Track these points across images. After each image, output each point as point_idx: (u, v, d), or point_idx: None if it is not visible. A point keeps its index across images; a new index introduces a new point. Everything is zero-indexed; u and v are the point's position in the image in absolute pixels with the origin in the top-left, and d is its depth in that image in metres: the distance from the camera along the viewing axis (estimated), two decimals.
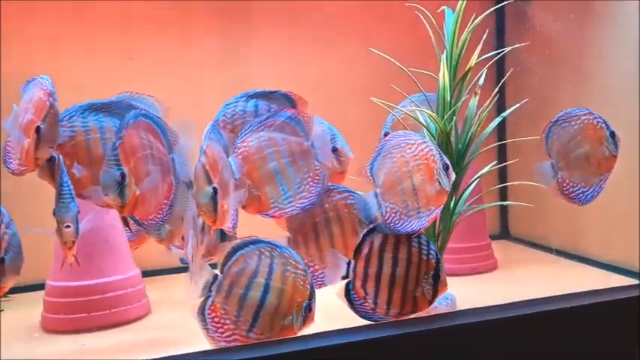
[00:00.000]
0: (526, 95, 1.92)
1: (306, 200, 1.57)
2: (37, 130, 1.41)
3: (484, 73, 1.84)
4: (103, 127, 1.51)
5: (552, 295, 1.73)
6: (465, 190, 1.84)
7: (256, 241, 1.42)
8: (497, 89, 1.87)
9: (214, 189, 1.37)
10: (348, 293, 1.53)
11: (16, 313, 1.95)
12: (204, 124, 1.69)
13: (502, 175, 2.62)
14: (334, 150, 1.73)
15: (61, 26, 2.25)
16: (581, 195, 1.74)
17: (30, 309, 1.88)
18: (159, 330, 1.83)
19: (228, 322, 1.38)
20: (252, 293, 1.37)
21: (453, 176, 1.55)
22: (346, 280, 1.54)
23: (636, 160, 2.16)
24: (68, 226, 1.44)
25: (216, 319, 1.38)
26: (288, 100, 1.70)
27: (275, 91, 1.70)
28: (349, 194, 1.64)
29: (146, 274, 2.00)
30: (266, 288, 1.37)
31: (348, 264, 1.53)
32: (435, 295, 1.53)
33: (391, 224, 1.52)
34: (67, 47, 2.26)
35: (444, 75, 1.77)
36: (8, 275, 1.43)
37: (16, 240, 1.44)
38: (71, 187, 1.46)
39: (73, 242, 1.46)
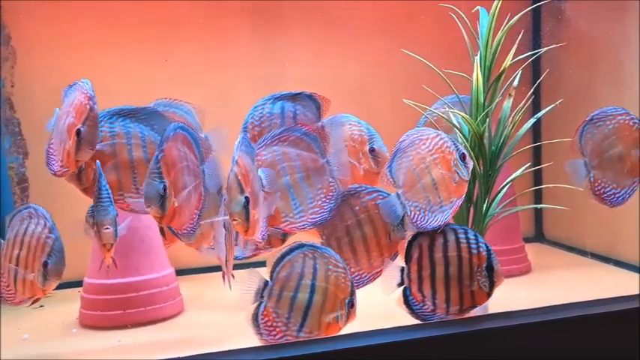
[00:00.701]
0: (562, 96, 1.89)
1: (317, 216, 1.59)
2: (78, 132, 1.45)
3: (519, 74, 1.81)
4: (130, 132, 1.55)
5: (587, 299, 1.70)
6: (498, 192, 1.82)
7: (300, 246, 1.47)
8: (532, 90, 1.85)
9: (247, 198, 1.39)
10: (407, 299, 1.54)
11: (56, 309, 2.00)
12: (237, 125, 1.74)
13: (537, 177, 2.58)
14: (371, 150, 1.75)
15: (95, 30, 2.30)
16: (612, 196, 1.71)
17: (68, 305, 1.93)
18: (192, 328, 1.86)
19: (280, 324, 1.43)
20: (300, 295, 1.43)
21: (471, 164, 1.56)
22: (402, 288, 1.55)
23: None
24: (107, 229, 1.47)
25: (268, 323, 1.44)
26: (312, 100, 1.72)
27: (300, 93, 1.71)
28: (378, 194, 1.64)
29: (180, 272, 2.04)
30: (312, 288, 1.43)
31: (402, 271, 1.54)
32: (492, 286, 1.53)
33: (417, 222, 1.53)
34: (101, 50, 2.31)
35: (477, 76, 1.76)
36: (50, 279, 1.48)
37: (58, 244, 1.49)
38: (109, 190, 1.49)
39: (112, 244, 1.49)
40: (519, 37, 1.78)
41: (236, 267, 1.58)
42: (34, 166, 2.24)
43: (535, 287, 2.18)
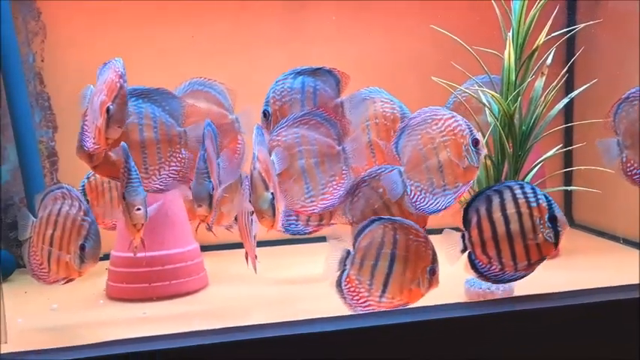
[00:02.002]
0: (596, 76, 1.84)
1: (327, 202, 1.60)
2: (107, 110, 1.45)
3: (552, 52, 1.76)
4: (141, 112, 1.55)
5: (615, 285, 1.67)
6: (528, 173, 1.79)
7: (379, 219, 1.54)
8: (565, 69, 1.80)
9: (272, 194, 1.44)
10: (473, 263, 1.53)
11: (84, 281, 2.02)
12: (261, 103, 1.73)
13: (567, 158, 2.53)
14: None
15: (124, 5, 2.30)
16: None
17: (96, 277, 1.97)
18: (216, 302, 1.88)
19: (362, 290, 1.52)
20: (380, 263, 1.51)
21: (484, 152, 1.53)
22: (467, 253, 1.54)
23: None
24: (139, 209, 1.48)
25: (351, 289, 1.52)
26: (332, 76, 1.72)
27: (320, 68, 1.71)
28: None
29: (204, 248, 2.06)
30: (392, 257, 1.51)
31: (462, 237, 1.53)
32: (557, 236, 1.51)
33: (416, 203, 1.53)
34: (130, 26, 2.31)
35: (509, 54, 1.72)
36: (88, 261, 1.49)
37: (94, 228, 1.50)
38: (137, 171, 1.50)
39: (142, 225, 1.50)
40: (554, 14, 1.73)
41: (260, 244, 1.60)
42: (63, 140, 2.27)
43: (562, 271, 2.14)
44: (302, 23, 2.46)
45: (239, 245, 1.66)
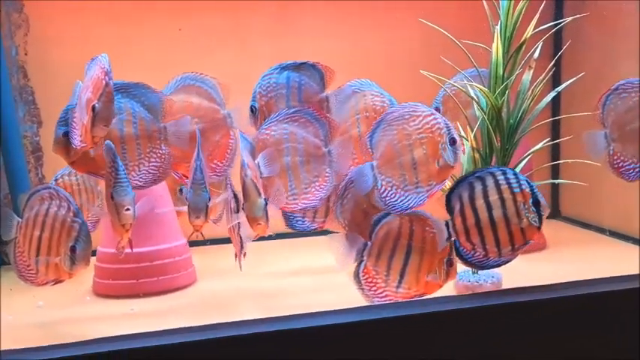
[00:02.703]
0: (583, 69, 1.84)
1: (308, 202, 1.60)
2: (93, 108, 1.43)
3: (539, 45, 1.77)
4: (121, 107, 1.53)
5: (602, 277, 1.68)
6: (515, 167, 1.79)
7: (388, 212, 1.55)
8: (552, 63, 1.80)
9: (266, 200, 1.45)
10: (458, 251, 1.53)
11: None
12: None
13: (554, 152, 2.54)
14: None
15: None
16: (631, 170, 1.66)
17: (83, 274, 1.94)
18: (204, 298, 1.87)
19: (379, 281, 1.54)
20: (397, 254, 1.53)
21: (461, 151, 1.53)
22: (452, 241, 1.54)
23: None
24: (128, 209, 1.45)
25: (369, 280, 1.54)
26: (316, 70, 1.71)
27: (304, 63, 1.71)
28: None
29: (192, 244, 2.04)
30: (409, 248, 1.53)
31: (447, 225, 1.53)
32: (541, 219, 1.51)
33: (386, 198, 1.52)
34: (115, 19, 2.28)
35: (497, 47, 1.72)
36: (79, 263, 1.46)
37: (85, 229, 1.47)
38: (125, 170, 1.48)
39: (131, 225, 1.48)
40: (541, 7, 1.73)
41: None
42: (48, 135, 2.23)
43: (550, 263, 2.16)
44: (292, 18, 2.44)
45: (228, 240, 1.65)
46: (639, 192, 2.16)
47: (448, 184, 1.60)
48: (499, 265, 1.54)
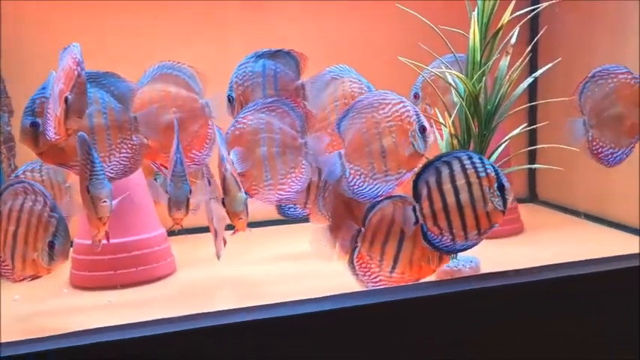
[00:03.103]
0: (560, 55, 1.85)
1: (284, 193, 1.60)
2: (66, 100, 1.39)
3: (516, 31, 1.77)
4: (90, 97, 1.50)
5: (579, 259, 1.70)
6: (493, 152, 1.80)
7: (389, 197, 1.56)
8: (529, 49, 1.81)
9: (247, 194, 1.46)
10: (425, 235, 1.54)
11: None
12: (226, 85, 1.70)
13: (532, 137, 2.56)
14: None
15: None
16: (609, 156, 1.69)
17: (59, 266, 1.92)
18: (184, 288, 1.86)
19: (373, 266, 1.56)
20: (390, 240, 1.55)
21: (431, 139, 1.53)
22: (419, 225, 1.55)
23: None
24: (105, 202, 1.43)
25: (363, 265, 1.56)
26: (291, 57, 1.71)
27: (279, 50, 1.70)
28: None
29: (171, 233, 2.02)
30: (402, 234, 1.54)
31: (414, 209, 1.53)
32: (505, 203, 1.52)
33: (354, 187, 1.53)
34: (88, 6, 2.24)
35: (474, 33, 1.72)
36: (57, 259, 1.44)
37: (63, 224, 1.44)
38: (101, 162, 1.46)
39: (108, 217, 1.46)
40: None
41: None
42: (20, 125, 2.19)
43: (527, 247, 2.18)
44: (269, 3, 2.41)
45: (207, 229, 1.64)
46: (615, 176, 2.19)
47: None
48: (465, 249, 1.55)
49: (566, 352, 1.59)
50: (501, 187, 1.51)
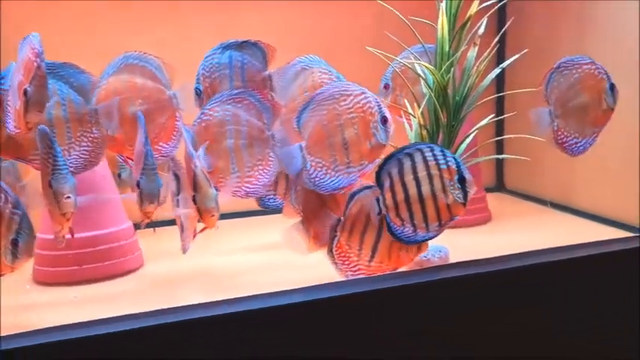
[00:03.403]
0: (526, 46, 1.87)
1: (251, 186, 1.58)
2: (25, 92, 1.34)
3: (484, 22, 1.78)
4: (49, 89, 1.45)
5: (545, 247, 1.73)
6: (462, 143, 1.81)
7: (369, 186, 1.56)
8: (496, 39, 1.82)
9: (217, 190, 1.44)
10: (389, 226, 1.54)
11: None
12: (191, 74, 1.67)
13: (499, 128, 2.59)
14: None
15: None
16: (573, 146, 1.72)
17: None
18: (151, 282, 1.83)
19: (352, 255, 1.57)
20: (369, 229, 1.56)
21: (392, 129, 1.53)
22: (383, 216, 1.55)
23: (635, 115, 2.13)
24: (68, 197, 1.40)
25: (342, 255, 1.57)
26: (258, 48, 1.70)
27: (246, 41, 1.69)
28: None
29: (138, 226, 1.99)
30: (381, 224, 1.54)
31: (378, 200, 1.53)
32: (466, 196, 1.53)
33: (316, 179, 1.52)
34: None
35: (442, 24, 1.72)
36: (21, 257, 1.38)
37: (27, 221, 1.38)
38: (63, 156, 1.42)
39: (72, 213, 1.42)
40: None
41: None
42: None
43: (495, 236, 2.22)
44: None
45: (172, 222, 1.61)
46: (579, 166, 2.24)
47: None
48: (426, 240, 1.57)
49: (534, 340, 1.62)
50: (462, 180, 1.52)
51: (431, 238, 1.55)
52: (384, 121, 1.51)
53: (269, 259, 1.96)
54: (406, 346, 1.48)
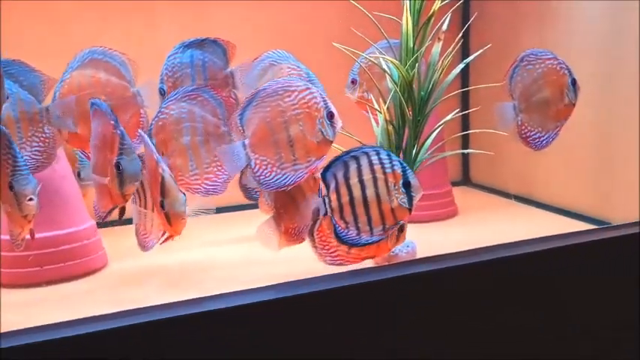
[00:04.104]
0: (490, 41, 1.89)
1: (211, 183, 1.57)
2: None
3: (448, 17, 1.79)
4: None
5: (512, 240, 1.76)
6: (427, 138, 1.82)
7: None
8: (460, 35, 1.84)
9: (184, 194, 1.42)
10: (334, 227, 1.53)
11: None
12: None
13: (464, 122, 2.62)
14: None
15: None
16: (537, 140, 1.74)
17: None
18: (116, 282, 1.80)
19: (332, 241, 1.54)
20: None
21: (339, 124, 1.51)
22: (328, 217, 1.54)
23: (597, 109, 2.18)
24: (31, 199, 1.35)
25: (322, 239, 1.55)
26: (218, 46, 1.69)
27: (205, 39, 1.68)
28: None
29: (101, 225, 1.95)
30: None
31: (324, 201, 1.52)
32: (411, 201, 1.53)
33: (261, 177, 1.49)
34: None
35: (406, 20, 1.72)
36: None
37: None
38: (23, 157, 1.38)
39: (33, 216, 1.38)
40: None
41: None
42: None
43: (462, 230, 2.24)
44: None
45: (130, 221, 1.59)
46: (542, 160, 2.27)
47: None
48: (370, 244, 1.55)
49: (504, 334, 1.65)
50: (407, 185, 1.51)
51: (375, 242, 1.55)
52: (331, 116, 1.48)
53: (237, 255, 1.95)
54: (372, 343, 1.48)
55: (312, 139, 1.48)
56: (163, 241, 1.52)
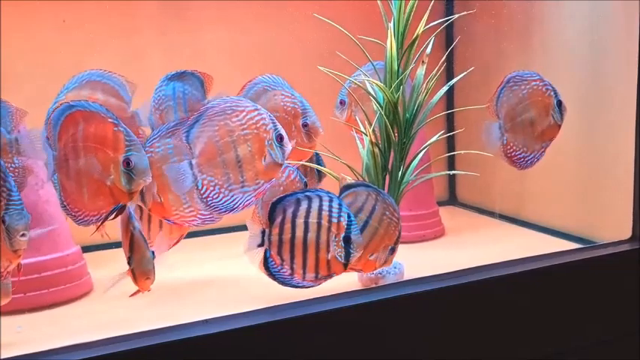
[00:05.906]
0: (473, 64, 1.91)
1: (207, 214, 1.53)
2: None
3: (431, 41, 1.81)
4: None
5: (499, 261, 1.76)
6: (413, 159, 1.83)
7: (367, 187, 1.62)
8: (444, 58, 1.86)
9: (153, 252, 1.46)
10: (266, 261, 1.52)
11: None
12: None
13: (450, 143, 2.64)
14: (304, 125, 1.73)
15: None
16: (522, 160, 1.76)
17: None
18: (101, 309, 1.77)
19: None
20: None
21: (289, 148, 1.47)
22: (263, 249, 1.52)
23: (581, 130, 2.21)
24: (23, 235, 1.31)
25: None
26: (195, 77, 1.72)
27: (184, 72, 1.71)
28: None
29: (86, 249, 1.93)
30: (365, 224, 1.57)
31: (263, 232, 1.51)
32: (348, 257, 1.49)
33: (208, 198, 1.45)
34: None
35: (391, 43, 1.74)
36: None
37: None
38: (18, 191, 1.34)
39: (24, 250, 1.34)
40: (431, 5, 1.78)
41: None
42: None
43: (449, 250, 2.24)
44: (184, 9, 2.35)
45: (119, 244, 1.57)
46: (527, 179, 2.29)
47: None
48: (299, 287, 1.52)
49: (492, 354, 1.64)
50: (347, 240, 1.49)
51: (305, 287, 1.52)
52: (280, 139, 1.45)
53: (220, 275, 1.93)
54: None
55: (260, 161, 1.44)
56: (132, 295, 1.51)
